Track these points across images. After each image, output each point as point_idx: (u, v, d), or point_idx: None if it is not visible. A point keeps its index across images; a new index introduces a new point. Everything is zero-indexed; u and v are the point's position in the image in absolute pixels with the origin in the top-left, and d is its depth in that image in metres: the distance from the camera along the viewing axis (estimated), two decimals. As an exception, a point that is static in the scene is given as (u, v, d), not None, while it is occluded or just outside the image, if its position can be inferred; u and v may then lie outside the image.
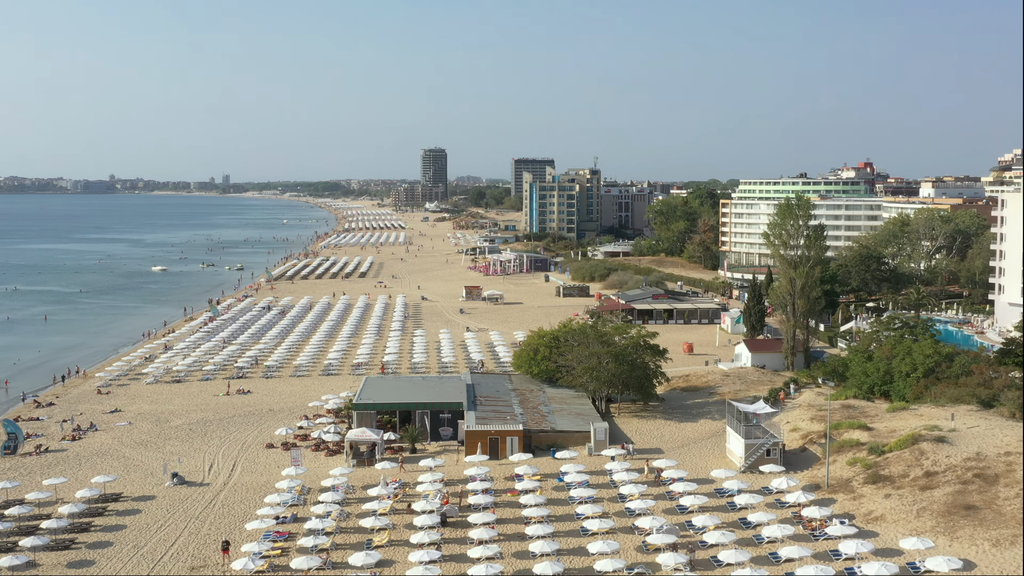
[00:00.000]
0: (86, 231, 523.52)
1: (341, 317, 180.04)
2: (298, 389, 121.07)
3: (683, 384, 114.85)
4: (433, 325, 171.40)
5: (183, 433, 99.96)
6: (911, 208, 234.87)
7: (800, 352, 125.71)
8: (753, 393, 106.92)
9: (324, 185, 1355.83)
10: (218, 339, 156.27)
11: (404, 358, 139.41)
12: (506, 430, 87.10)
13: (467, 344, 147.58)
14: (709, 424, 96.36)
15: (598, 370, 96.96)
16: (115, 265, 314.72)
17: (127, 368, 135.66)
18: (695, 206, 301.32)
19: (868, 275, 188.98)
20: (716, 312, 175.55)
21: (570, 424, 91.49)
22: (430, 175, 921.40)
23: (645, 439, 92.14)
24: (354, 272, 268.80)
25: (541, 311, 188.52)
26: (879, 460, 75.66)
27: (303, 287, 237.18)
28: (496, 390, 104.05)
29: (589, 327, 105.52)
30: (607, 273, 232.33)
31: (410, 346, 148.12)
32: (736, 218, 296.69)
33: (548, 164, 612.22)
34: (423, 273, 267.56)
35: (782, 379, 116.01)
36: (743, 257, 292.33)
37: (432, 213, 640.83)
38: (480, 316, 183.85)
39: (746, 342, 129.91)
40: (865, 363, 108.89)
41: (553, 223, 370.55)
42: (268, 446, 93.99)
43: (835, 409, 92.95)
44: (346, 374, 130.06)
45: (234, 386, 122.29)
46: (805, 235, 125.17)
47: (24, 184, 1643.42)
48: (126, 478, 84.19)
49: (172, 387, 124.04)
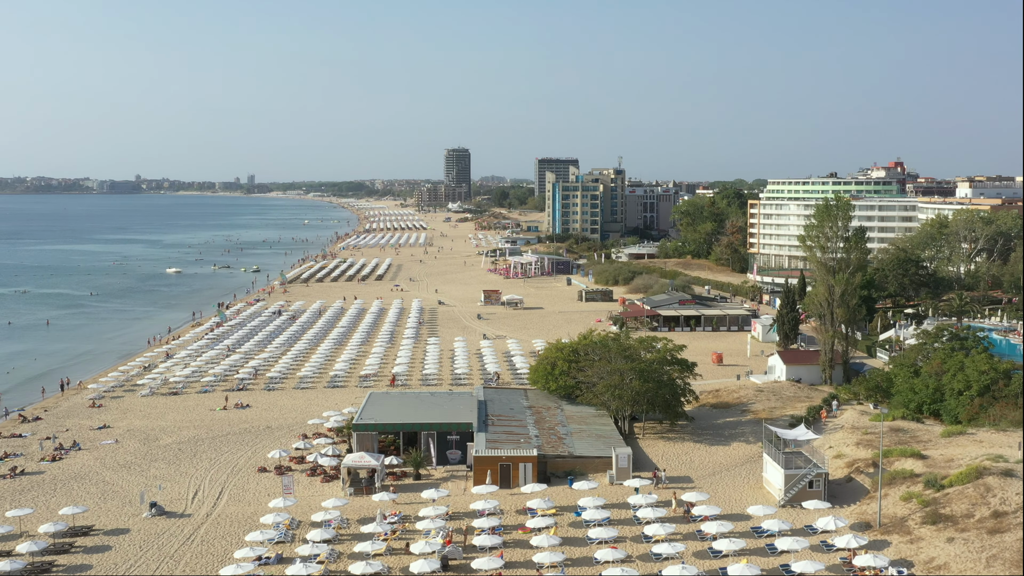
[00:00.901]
0: (105, 232, 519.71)
1: (352, 323, 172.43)
2: (300, 403, 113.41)
3: (713, 400, 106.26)
4: (448, 332, 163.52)
5: (171, 454, 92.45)
6: (948, 209, 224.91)
7: (839, 365, 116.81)
8: (790, 412, 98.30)
9: (348, 185, 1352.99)
10: (222, 347, 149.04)
11: (415, 369, 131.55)
12: (519, 456, 78.87)
13: (483, 354, 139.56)
14: (743, 448, 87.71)
15: (621, 388, 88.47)
16: (130, 267, 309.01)
17: (124, 379, 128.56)
18: (722, 207, 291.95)
19: (906, 279, 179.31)
20: (746, 319, 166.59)
21: (590, 448, 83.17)
22: (453, 175, 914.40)
23: (673, 465, 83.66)
24: (371, 275, 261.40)
25: (562, 317, 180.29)
26: (938, 496, 66.88)
27: (317, 290, 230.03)
28: (510, 408, 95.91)
29: (611, 340, 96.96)
30: (631, 276, 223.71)
31: (423, 355, 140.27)
32: (765, 219, 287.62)
33: (572, 164, 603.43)
34: (441, 276, 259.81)
35: (820, 395, 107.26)
36: (772, 259, 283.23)
37: (454, 213, 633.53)
38: (498, 322, 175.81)
39: (780, 353, 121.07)
40: (912, 379, 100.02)
41: (576, 224, 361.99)
42: (260, 470, 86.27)
43: (883, 432, 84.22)
44: (353, 386, 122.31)
45: (233, 399, 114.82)
46: (844, 238, 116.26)
47: (51, 184, 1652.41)
48: (100, 507, 76.68)
49: (168, 400, 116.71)
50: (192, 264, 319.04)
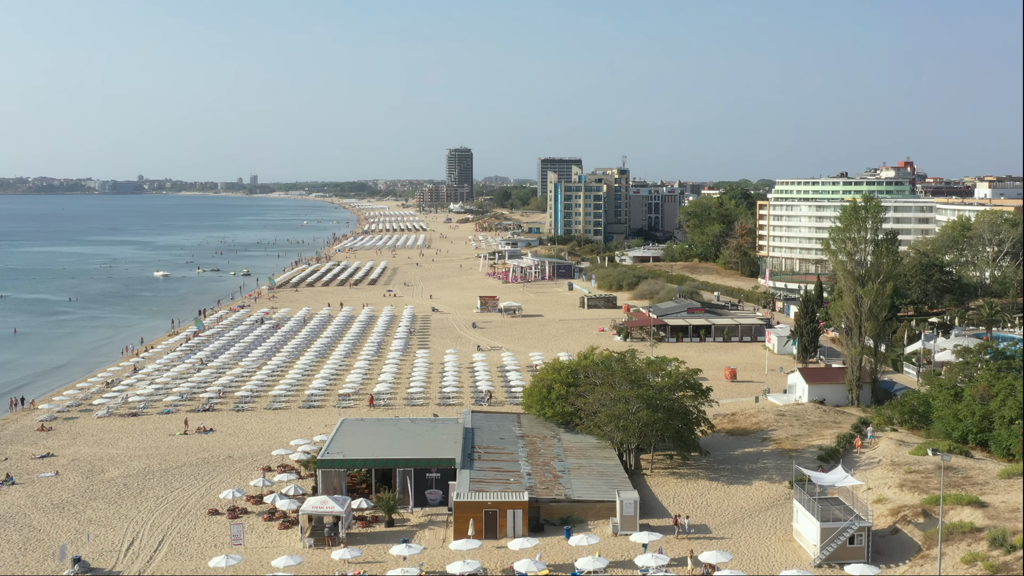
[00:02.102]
0: (99, 233, 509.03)
1: (338, 333, 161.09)
2: (270, 427, 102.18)
3: (729, 426, 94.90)
4: (440, 342, 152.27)
5: (114, 490, 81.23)
6: (968, 210, 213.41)
7: (867, 383, 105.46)
8: (817, 441, 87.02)
9: (351, 186, 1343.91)
10: (194, 360, 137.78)
11: (401, 386, 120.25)
12: (507, 501, 67.54)
13: (475, 368, 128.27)
14: (767, 489, 76.21)
15: (626, 419, 76.96)
16: (116, 270, 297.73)
17: (82, 397, 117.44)
18: (731, 208, 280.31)
19: (929, 286, 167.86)
20: (760, 329, 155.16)
21: (590, 490, 71.82)
22: (455, 175, 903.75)
23: (687, 509, 72.27)
24: (364, 279, 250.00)
25: (563, 326, 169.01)
26: (1008, 560, 55.57)
27: (306, 296, 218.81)
28: (500, 437, 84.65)
29: (615, 361, 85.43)
30: (636, 281, 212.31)
31: (410, 370, 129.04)
32: (775, 220, 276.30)
33: (575, 164, 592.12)
34: (437, 280, 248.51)
35: (848, 419, 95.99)
36: (783, 263, 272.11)
37: (455, 214, 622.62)
38: (494, 331, 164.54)
39: (802, 371, 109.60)
40: (953, 403, 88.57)
41: (579, 225, 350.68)
42: (212, 512, 75.02)
43: (929, 471, 72.92)
44: (330, 406, 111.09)
45: (195, 422, 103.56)
46: (874, 243, 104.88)
47: (53, 184, 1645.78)
48: (16, 562, 65.50)
49: (125, 423, 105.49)
50: (181, 267, 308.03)
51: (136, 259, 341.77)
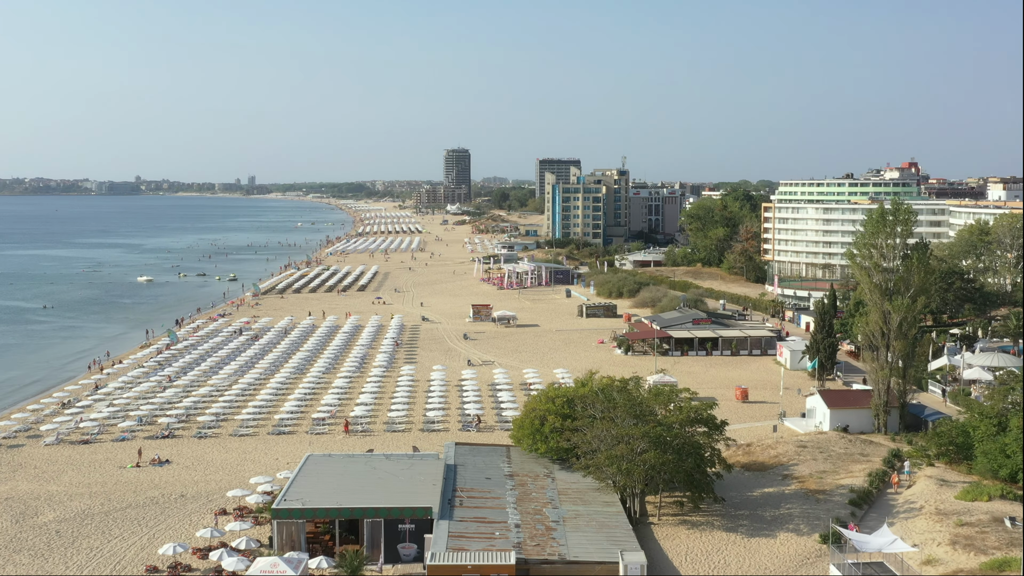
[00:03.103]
0: (87, 235, 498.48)
1: (320, 346, 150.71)
2: (233, 458, 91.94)
3: (744, 459, 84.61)
4: (428, 356, 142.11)
5: (43, 540, 70.92)
6: (985, 213, 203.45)
7: (895, 408, 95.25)
8: (845, 479, 76.81)
9: (348, 187, 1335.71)
10: (161, 376, 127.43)
11: (381, 408, 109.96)
12: (490, 565, 57.30)
13: (464, 387, 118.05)
14: (794, 543, 65.71)
15: (630, 460, 66.55)
16: (98, 275, 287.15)
17: (32, 420, 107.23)
18: (735, 210, 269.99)
19: (950, 294, 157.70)
20: (770, 341, 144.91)
21: (589, 547, 61.50)
22: (453, 176, 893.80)
23: (702, 568, 61.96)
24: (353, 284, 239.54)
25: (559, 337, 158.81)
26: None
27: (292, 303, 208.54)
28: (486, 476, 74.40)
29: (617, 390, 75.02)
30: (637, 288, 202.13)
31: (393, 389, 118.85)
32: (780, 223, 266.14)
33: (574, 165, 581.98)
34: (430, 286, 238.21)
35: (877, 450, 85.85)
36: (788, 267, 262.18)
37: (452, 215, 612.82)
38: (487, 343, 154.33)
39: (822, 394, 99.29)
40: (997, 434, 78.41)
41: (578, 228, 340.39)
42: (150, 570, 64.73)
43: (984, 523, 62.78)
44: (303, 432, 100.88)
45: (150, 452, 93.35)
46: (903, 254, 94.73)
47: (50, 185, 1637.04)
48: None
49: (75, 452, 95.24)
50: (167, 271, 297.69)
51: (121, 263, 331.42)
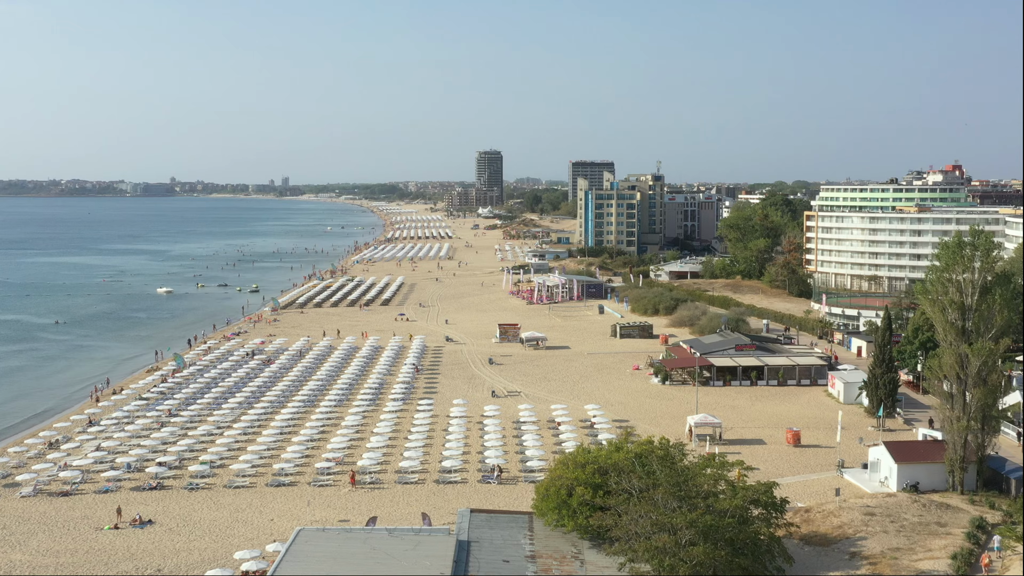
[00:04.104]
0: (114, 240, 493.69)
1: (335, 372, 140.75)
2: (224, 517, 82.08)
3: (804, 528, 73.42)
4: (450, 386, 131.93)
5: (-9, 631, 61.57)
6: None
7: (972, 463, 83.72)
8: (924, 561, 65.50)
9: (381, 188, 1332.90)
10: (159, 411, 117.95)
11: (393, 453, 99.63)
12: None
13: (486, 426, 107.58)
14: (871, 657, 54.82)
15: (674, 555, 55.61)
16: (118, 285, 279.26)
17: (14, 464, 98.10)
18: (776, 220, 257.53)
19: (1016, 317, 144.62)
20: (820, 370, 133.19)
21: (623, 665, 50.77)
22: (485, 178, 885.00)
23: None
24: (377, 299, 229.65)
25: (592, 361, 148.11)
26: None
27: (311, 319, 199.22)
28: (504, 559, 63.71)
29: (658, 459, 64.06)
30: (674, 305, 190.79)
31: (408, 428, 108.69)
32: (824, 232, 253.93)
33: (607, 168, 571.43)
34: (456, 300, 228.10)
35: (954, 516, 74.44)
36: (832, 279, 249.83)
37: (483, 219, 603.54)
38: (513, 369, 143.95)
39: (889, 447, 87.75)
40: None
41: (611, 236, 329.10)
42: None
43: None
44: (304, 483, 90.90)
45: (134, 507, 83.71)
46: (984, 288, 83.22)
47: (85, 187, 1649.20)
48: None
49: (51, 506, 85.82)
50: (189, 281, 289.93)
51: (144, 271, 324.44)
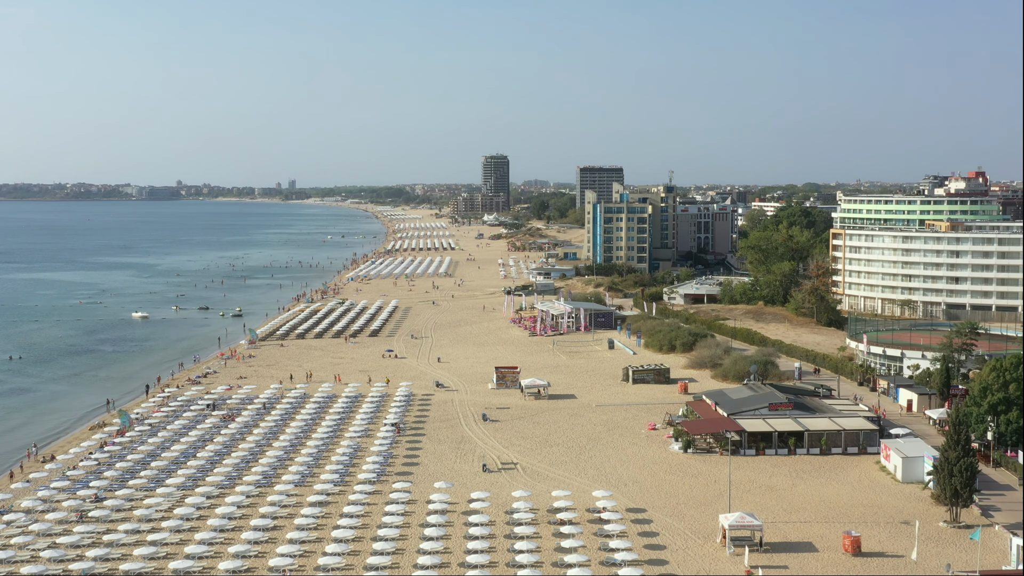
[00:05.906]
0: (103, 252, 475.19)
1: (302, 435, 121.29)
2: None
3: None
4: (435, 454, 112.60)
5: None
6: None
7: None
8: None
9: (387, 191, 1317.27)
10: (87, 494, 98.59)
11: (356, 563, 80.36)
12: None
13: (471, 519, 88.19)
14: None
15: None
16: (94, 309, 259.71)
17: None
18: (801, 241, 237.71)
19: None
20: (870, 436, 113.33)
21: None
22: (491, 183, 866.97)
23: None
24: (366, 328, 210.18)
25: (601, 417, 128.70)
26: None
27: (292, 354, 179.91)
28: None
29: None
30: (692, 341, 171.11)
31: (378, 521, 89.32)
32: (852, 252, 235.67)
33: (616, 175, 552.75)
34: (453, 329, 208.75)
35: None
36: (862, 303, 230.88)
37: (488, 227, 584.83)
38: (510, 428, 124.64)
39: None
40: None
41: (621, 252, 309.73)
42: None
43: None
44: (238, 615, 71.83)
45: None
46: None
47: (91, 191, 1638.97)
48: None
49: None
50: (170, 302, 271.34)
51: (125, 289, 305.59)
